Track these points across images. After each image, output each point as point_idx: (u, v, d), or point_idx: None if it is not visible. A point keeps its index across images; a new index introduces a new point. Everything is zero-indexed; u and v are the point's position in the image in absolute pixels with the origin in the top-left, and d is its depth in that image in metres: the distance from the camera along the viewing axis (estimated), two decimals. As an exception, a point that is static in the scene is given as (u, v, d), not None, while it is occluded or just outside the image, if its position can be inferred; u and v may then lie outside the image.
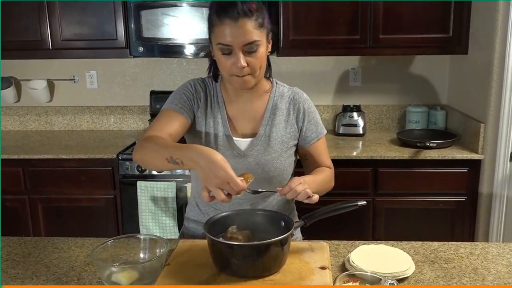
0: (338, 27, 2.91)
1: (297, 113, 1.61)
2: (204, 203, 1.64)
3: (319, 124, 1.64)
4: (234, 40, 1.39)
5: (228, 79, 1.49)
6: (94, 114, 3.50)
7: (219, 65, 1.48)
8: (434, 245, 1.53)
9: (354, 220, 2.73)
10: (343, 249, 1.51)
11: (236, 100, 1.59)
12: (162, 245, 1.37)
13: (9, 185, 2.89)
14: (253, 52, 1.42)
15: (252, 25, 1.39)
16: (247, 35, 1.39)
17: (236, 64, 1.41)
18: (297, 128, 1.61)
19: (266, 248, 1.25)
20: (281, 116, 1.59)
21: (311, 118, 1.61)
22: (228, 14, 1.38)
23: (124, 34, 2.97)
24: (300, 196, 1.33)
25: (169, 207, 2.71)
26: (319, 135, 1.63)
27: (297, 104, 1.61)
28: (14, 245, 1.58)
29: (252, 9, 1.40)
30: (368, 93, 3.37)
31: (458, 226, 2.80)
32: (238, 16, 1.37)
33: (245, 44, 1.40)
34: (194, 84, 1.59)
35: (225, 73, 1.48)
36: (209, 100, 1.59)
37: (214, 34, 1.43)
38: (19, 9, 2.97)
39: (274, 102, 1.60)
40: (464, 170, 2.73)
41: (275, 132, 1.57)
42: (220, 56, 1.44)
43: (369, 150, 2.84)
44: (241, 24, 1.38)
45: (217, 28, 1.41)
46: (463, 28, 2.88)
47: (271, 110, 1.59)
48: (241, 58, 1.40)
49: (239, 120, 1.59)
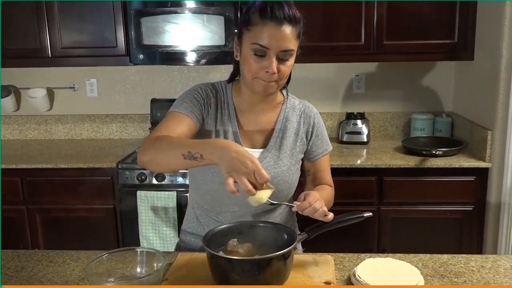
0: (341, 33, 2.86)
1: (307, 126, 1.57)
2: (204, 215, 1.58)
3: (326, 140, 1.61)
4: (273, 43, 1.34)
5: (251, 82, 1.42)
6: (94, 122, 3.46)
7: (245, 66, 1.40)
8: (443, 258, 1.47)
9: (359, 230, 2.67)
10: (348, 262, 1.45)
11: (249, 110, 1.53)
12: (159, 258, 1.31)
13: (7, 195, 2.84)
14: (285, 60, 1.38)
15: (293, 33, 1.36)
16: (286, 42, 1.35)
17: (267, 69, 1.36)
18: (306, 142, 1.58)
19: (268, 262, 1.19)
20: (292, 129, 1.55)
21: (319, 133, 1.59)
22: (273, 17, 1.34)
23: (124, 42, 2.94)
24: (318, 214, 1.29)
25: (169, 217, 2.65)
26: (324, 151, 1.60)
27: (307, 118, 1.58)
28: (7, 258, 1.52)
29: (296, 17, 1.37)
30: (372, 100, 3.32)
31: (465, 236, 2.74)
32: (283, 20, 1.34)
33: (282, 51, 1.36)
34: (205, 88, 1.52)
35: (249, 75, 1.40)
36: (219, 107, 1.52)
37: (251, 33, 1.37)
38: (18, 16, 2.94)
39: (286, 114, 1.56)
40: (471, 178, 2.67)
41: (286, 145, 1.53)
42: (250, 57, 1.38)
43: (373, 158, 2.78)
44: (283, 29, 1.34)
45: (257, 27, 1.35)
46: (469, 34, 2.83)
47: (283, 122, 1.55)
48: (274, 64, 1.36)
49: (249, 130, 1.54)
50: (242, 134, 1.53)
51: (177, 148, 1.26)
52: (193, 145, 1.23)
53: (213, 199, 1.53)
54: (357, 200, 2.69)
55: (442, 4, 2.81)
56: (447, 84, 3.28)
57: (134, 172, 2.74)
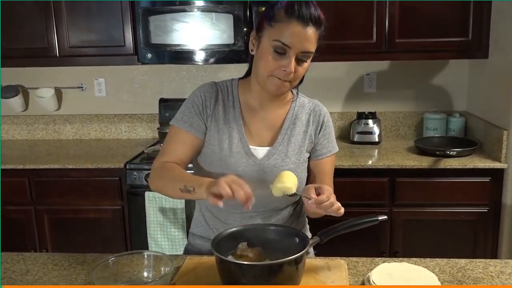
0: (353, 31, 2.81)
1: (316, 125, 1.54)
2: (213, 217, 1.54)
3: (332, 141, 1.57)
4: (296, 43, 1.32)
5: (265, 79, 1.38)
6: (103, 122, 3.44)
7: (262, 62, 1.37)
8: (461, 263, 1.42)
9: (370, 232, 2.58)
10: (362, 267, 1.40)
11: (258, 107, 1.50)
12: (167, 262, 1.28)
13: (14, 196, 2.82)
14: (303, 62, 1.36)
15: (315, 35, 1.35)
16: (308, 44, 1.34)
17: (285, 67, 1.34)
18: (313, 140, 1.54)
19: (279, 267, 1.15)
20: (300, 127, 1.52)
21: (326, 132, 1.55)
22: (299, 15, 1.31)
23: (132, 41, 2.90)
24: (333, 209, 1.25)
25: (178, 219, 2.62)
26: (329, 152, 1.55)
27: (317, 116, 1.54)
28: (12, 261, 1.49)
29: (321, 20, 1.36)
30: (383, 100, 3.27)
31: (480, 239, 2.67)
32: (309, 21, 1.32)
33: (302, 52, 1.34)
34: (204, 91, 1.50)
35: (265, 72, 1.37)
36: (222, 106, 1.49)
37: (274, 30, 1.33)
38: (26, 16, 2.92)
39: (295, 112, 1.53)
40: (486, 179, 2.61)
41: (294, 142, 1.49)
42: (269, 53, 1.34)
43: (385, 158, 2.73)
44: (308, 30, 1.32)
45: (282, 24, 1.32)
46: (483, 32, 2.77)
47: (291, 120, 1.52)
48: (292, 63, 1.33)
49: (257, 127, 1.50)
50: (248, 131, 1.49)
51: (176, 182, 1.34)
52: (189, 180, 1.32)
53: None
54: (369, 202, 2.64)
55: (455, 1, 2.75)
56: (461, 83, 3.21)
57: (142, 173, 2.71)
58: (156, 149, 2.92)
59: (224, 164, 1.45)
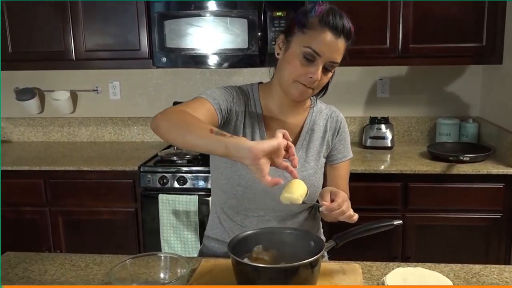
0: (366, 36, 2.81)
1: (333, 130, 1.56)
2: (229, 220, 1.55)
3: (347, 147, 1.59)
4: (326, 52, 1.34)
5: (289, 84, 1.39)
6: (117, 125, 3.47)
7: (288, 67, 1.38)
8: (476, 268, 1.42)
9: (383, 237, 2.57)
10: (376, 271, 1.41)
11: (278, 113, 1.52)
12: (183, 264, 1.29)
13: (30, 197, 2.86)
14: (328, 71, 1.39)
15: (344, 47, 1.37)
16: (337, 54, 1.36)
17: (312, 74, 1.35)
18: (330, 146, 1.56)
19: (295, 271, 1.16)
20: (318, 133, 1.54)
21: (342, 138, 1.58)
22: (333, 25, 1.33)
23: (148, 45, 2.94)
24: (345, 217, 1.28)
25: (191, 221, 2.63)
26: (344, 157, 1.58)
27: (333, 122, 1.57)
28: (30, 261, 1.52)
29: (351, 32, 1.39)
30: (396, 105, 3.27)
31: (493, 245, 2.66)
32: (341, 33, 1.34)
33: (331, 61, 1.36)
34: (237, 90, 1.50)
35: (290, 77, 1.38)
36: (247, 110, 1.50)
37: (306, 36, 1.35)
38: (43, 20, 2.97)
39: (313, 118, 1.55)
40: (499, 185, 2.60)
41: (312, 148, 1.52)
42: (297, 59, 1.36)
43: (398, 164, 2.73)
44: (339, 41, 1.35)
45: (315, 32, 1.34)
46: (498, 37, 2.76)
47: (310, 126, 1.54)
48: (319, 71, 1.35)
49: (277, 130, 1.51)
50: (269, 137, 1.49)
51: (204, 125, 1.19)
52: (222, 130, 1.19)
53: (239, 203, 1.50)
54: (382, 207, 2.64)
55: (469, 6, 2.75)
56: (474, 89, 3.20)
57: (156, 176, 2.73)
58: (170, 152, 2.95)
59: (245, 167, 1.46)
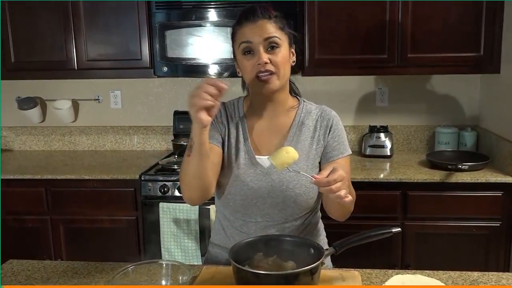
0: (365, 46, 2.85)
1: (325, 129, 1.56)
2: (230, 226, 1.58)
3: (343, 143, 1.57)
4: (254, 35, 1.43)
5: (253, 85, 1.48)
6: (118, 134, 3.49)
7: (244, 71, 1.48)
8: (474, 276, 1.43)
9: (382, 245, 2.61)
10: (376, 279, 1.42)
11: (261, 115, 1.56)
12: (184, 272, 1.31)
13: (31, 205, 2.88)
14: (274, 49, 1.45)
15: (272, 25, 1.45)
16: (266, 32, 1.44)
17: (258, 61, 1.43)
18: (323, 144, 1.56)
19: (295, 277, 1.17)
20: (307, 133, 1.55)
21: (336, 135, 1.56)
22: (248, 19, 1.45)
23: (149, 54, 2.97)
24: (334, 196, 1.25)
25: (191, 230, 2.65)
26: (341, 154, 1.55)
27: (324, 120, 1.57)
28: (33, 269, 1.53)
29: (270, 14, 1.47)
30: (395, 113, 3.29)
31: (492, 253, 2.67)
32: (257, 18, 1.45)
33: (265, 39, 1.43)
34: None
35: (249, 77, 1.47)
36: (231, 121, 1.58)
37: (236, 40, 1.48)
38: (45, 29, 3.00)
39: (300, 118, 1.57)
40: (498, 193, 2.61)
41: (300, 149, 1.51)
42: (243, 59, 1.46)
43: (397, 172, 2.75)
44: (260, 23, 1.44)
45: (238, 32, 1.47)
46: (495, 46, 2.79)
47: (297, 126, 1.56)
48: (262, 53, 1.43)
49: (264, 137, 1.56)
50: (255, 143, 1.55)
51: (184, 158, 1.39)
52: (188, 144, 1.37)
53: (236, 210, 1.53)
54: (381, 215, 2.65)
55: (467, 16, 2.78)
56: (472, 98, 3.23)
57: (156, 184, 2.75)
58: (171, 160, 2.96)
59: (234, 176, 1.51)
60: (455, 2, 2.77)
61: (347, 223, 1.81)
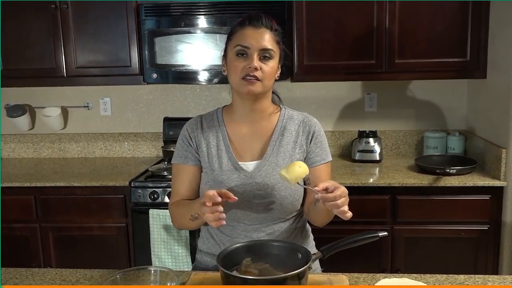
0: (353, 52, 2.87)
1: (307, 134, 1.60)
2: (219, 232, 1.59)
3: (325, 150, 1.62)
4: (253, 43, 1.48)
5: (238, 86, 1.51)
6: (108, 141, 3.49)
7: (231, 71, 1.51)
8: (460, 278, 1.45)
9: (372, 249, 2.64)
10: (363, 283, 1.43)
11: (244, 123, 1.59)
12: (173, 278, 1.31)
13: (20, 213, 2.86)
14: (267, 60, 1.49)
15: (271, 36, 1.51)
16: (265, 42, 1.49)
17: (249, 65, 1.46)
18: (305, 149, 1.59)
19: (282, 282, 1.18)
20: (289, 137, 1.58)
21: (318, 141, 1.60)
22: (251, 23, 1.50)
23: (138, 61, 2.97)
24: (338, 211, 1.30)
25: (181, 236, 2.64)
26: (323, 160, 1.60)
27: (307, 126, 1.61)
28: (21, 277, 1.53)
29: (273, 25, 1.53)
30: (384, 119, 3.32)
31: (481, 256, 2.69)
32: (261, 25, 1.50)
33: (262, 49, 1.48)
34: (189, 125, 1.65)
35: (236, 77, 1.50)
36: (209, 131, 1.61)
37: (233, 40, 1.51)
38: (35, 37, 2.99)
39: (283, 124, 1.61)
40: (486, 197, 2.64)
41: (283, 153, 1.56)
42: (234, 59, 1.50)
43: (386, 177, 2.77)
44: (261, 31, 1.50)
45: (238, 33, 1.51)
46: (481, 52, 2.82)
47: (280, 131, 1.59)
48: (254, 60, 1.47)
49: (246, 143, 1.58)
50: (237, 149, 1.58)
51: (185, 216, 1.50)
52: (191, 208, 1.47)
53: None
54: (370, 219, 2.66)
55: (453, 22, 2.81)
56: (460, 102, 3.26)
57: (146, 191, 2.75)
58: (161, 167, 2.96)
59: (218, 182, 1.53)
60: (442, 8, 2.81)
61: (336, 228, 1.83)
